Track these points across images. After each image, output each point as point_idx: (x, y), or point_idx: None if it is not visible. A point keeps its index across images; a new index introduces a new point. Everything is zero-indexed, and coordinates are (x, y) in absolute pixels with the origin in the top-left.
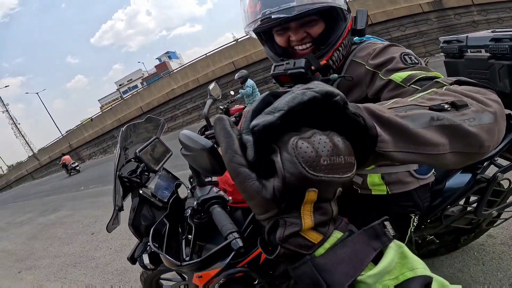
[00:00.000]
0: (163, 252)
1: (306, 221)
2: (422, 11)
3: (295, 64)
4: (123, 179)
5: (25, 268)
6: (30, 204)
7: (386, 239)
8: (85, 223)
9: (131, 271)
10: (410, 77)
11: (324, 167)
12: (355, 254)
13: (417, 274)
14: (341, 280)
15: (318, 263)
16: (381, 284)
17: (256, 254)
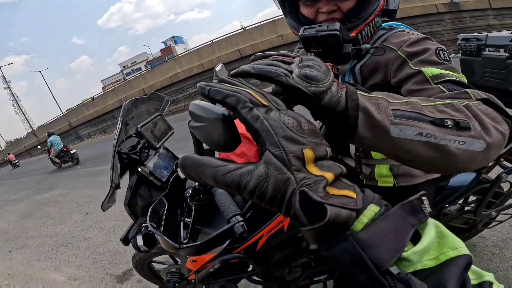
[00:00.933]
0: (161, 233)
1: (326, 175)
2: (437, 12)
3: (328, 27)
4: (122, 155)
5: (16, 247)
6: (26, 181)
7: (423, 216)
8: (80, 202)
9: (122, 253)
10: (440, 75)
11: (306, 131)
12: (397, 229)
13: (461, 253)
14: (387, 256)
15: (361, 238)
16: (421, 264)
17: (254, 241)
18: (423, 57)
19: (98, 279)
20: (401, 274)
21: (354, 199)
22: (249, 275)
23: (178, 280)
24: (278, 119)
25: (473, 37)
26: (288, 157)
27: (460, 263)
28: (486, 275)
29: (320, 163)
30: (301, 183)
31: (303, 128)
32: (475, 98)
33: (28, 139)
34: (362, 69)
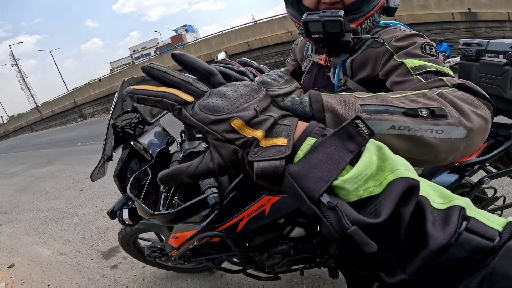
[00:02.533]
0: (139, 200)
1: (256, 134)
2: (452, 20)
3: (332, 13)
4: (117, 129)
5: (6, 221)
6: (25, 155)
7: (361, 139)
8: (76, 178)
9: (112, 230)
10: (421, 67)
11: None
12: (328, 158)
13: (397, 176)
14: (316, 186)
15: (293, 171)
16: (366, 191)
17: (235, 222)
18: (407, 50)
19: (84, 254)
20: (330, 202)
21: (284, 146)
22: (228, 255)
23: (159, 255)
24: (200, 111)
25: (474, 43)
26: (222, 135)
27: (396, 187)
28: (456, 199)
29: (253, 122)
30: (243, 146)
31: (224, 104)
32: (450, 84)
33: (31, 114)
34: (353, 63)
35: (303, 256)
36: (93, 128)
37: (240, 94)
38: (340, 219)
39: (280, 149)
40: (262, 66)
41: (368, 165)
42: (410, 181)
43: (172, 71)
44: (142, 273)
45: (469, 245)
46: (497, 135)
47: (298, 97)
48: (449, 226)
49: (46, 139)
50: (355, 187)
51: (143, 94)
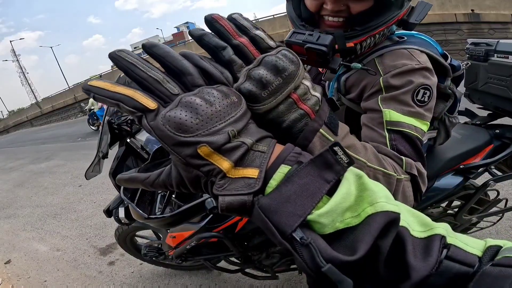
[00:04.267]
0: (133, 203)
1: (222, 164)
2: (455, 21)
3: (318, 39)
4: (113, 126)
5: (4, 216)
6: (24, 150)
7: (339, 168)
8: (75, 174)
9: (109, 227)
10: (396, 123)
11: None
12: (303, 190)
13: (377, 210)
14: (289, 221)
15: (264, 205)
16: (343, 223)
17: (233, 223)
18: (396, 92)
19: (81, 250)
20: (303, 238)
21: (255, 178)
22: (226, 255)
23: (156, 254)
24: (163, 126)
25: (483, 42)
26: (187, 160)
27: (376, 222)
28: (437, 227)
29: (224, 148)
30: (208, 175)
31: (193, 122)
32: (405, 169)
33: (31, 109)
34: (347, 80)
35: None
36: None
37: (215, 110)
38: (314, 256)
39: (249, 182)
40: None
41: (346, 196)
42: (391, 214)
43: (141, 64)
44: (140, 270)
45: (450, 272)
46: (503, 138)
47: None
48: (430, 256)
49: (46, 134)
50: (331, 220)
51: (99, 94)
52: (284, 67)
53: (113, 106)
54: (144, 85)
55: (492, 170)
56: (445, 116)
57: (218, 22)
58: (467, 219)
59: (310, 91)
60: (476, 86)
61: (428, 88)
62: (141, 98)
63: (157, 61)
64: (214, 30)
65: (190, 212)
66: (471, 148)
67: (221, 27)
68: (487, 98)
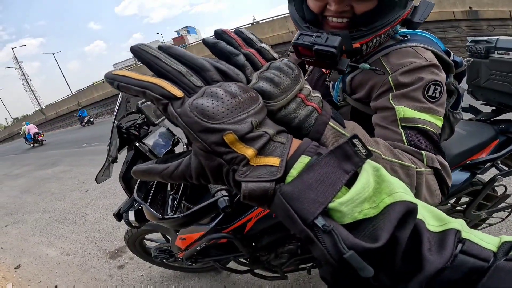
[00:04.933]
0: (147, 204)
1: (246, 151)
2: (453, 19)
3: (327, 40)
4: (121, 130)
5: (12, 222)
6: (30, 156)
7: (358, 160)
8: (81, 179)
9: (118, 231)
10: (410, 120)
11: (224, 111)
12: (324, 179)
13: (396, 200)
14: (311, 208)
15: (285, 191)
16: (361, 214)
17: (242, 223)
18: (407, 89)
19: (90, 254)
20: (325, 226)
21: (276, 166)
22: (236, 256)
23: (166, 256)
24: (190, 112)
25: (483, 40)
26: (211, 147)
27: (394, 211)
28: (452, 222)
29: (247, 137)
30: (231, 163)
31: (221, 109)
32: (426, 163)
33: (36, 116)
34: (352, 80)
35: (310, 255)
36: (97, 129)
37: (238, 101)
38: (336, 243)
39: (271, 170)
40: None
41: (366, 187)
42: (409, 204)
43: (165, 57)
44: (149, 273)
45: (465, 267)
46: (508, 133)
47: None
48: (445, 250)
49: (51, 140)
50: (351, 209)
51: (124, 82)
52: (289, 71)
53: (137, 95)
54: (168, 77)
55: (499, 165)
56: (449, 112)
57: (227, 35)
58: (476, 215)
59: (311, 93)
60: (479, 83)
61: (439, 84)
62: (168, 86)
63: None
64: (225, 41)
65: (202, 212)
66: (477, 144)
67: (231, 39)
68: (490, 94)
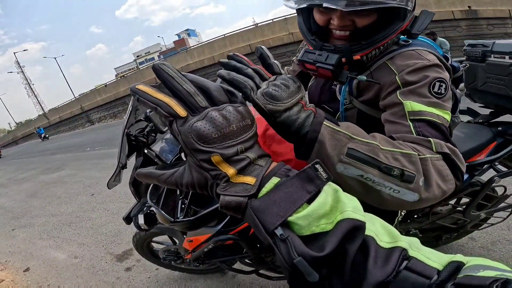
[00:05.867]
0: (159, 208)
1: (228, 170)
2: (453, 18)
3: (326, 59)
4: (130, 137)
5: (19, 225)
6: (35, 161)
7: (319, 182)
8: (86, 183)
9: (124, 234)
10: (418, 113)
11: (215, 138)
12: (287, 196)
13: (344, 217)
14: (273, 220)
15: (254, 205)
16: (319, 228)
17: (247, 225)
18: (414, 86)
19: (98, 257)
20: (282, 235)
21: (251, 185)
22: (241, 257)
23: (174, 258)
24: (188, 133)
25: (479, 43)
26: (200, 163)
27: (342, 227)
28: (401, 241)
29: (232, 160)
30: (215, 178)
31: (213, 137)
32: (436, 150)
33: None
34: (359, 83)
35: None
36: (100, 133)
37: (232, 130)
38: (289, 250)
39: (246, 188)
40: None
41: (322, 205)
42: (356, 222)
43: (179, 77)
44: (156, 275)
45: (407, 282)
46: (505, 134)
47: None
48: (388, 265)
49: (55, 144)
50: (307, 223)
51: (142, 97)
52: (293, 83)
53: (150, 109)
54: (178, 95)
55: (497, 166)
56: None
57: (238, 56)
58: (475, 215)
59: (308, 102)
60: (476, 86)
61: (443, 81)
62: (175, 106)
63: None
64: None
65: (211, 215)
66: (475, 146)
67: (241, 59)
68: (487, 97)
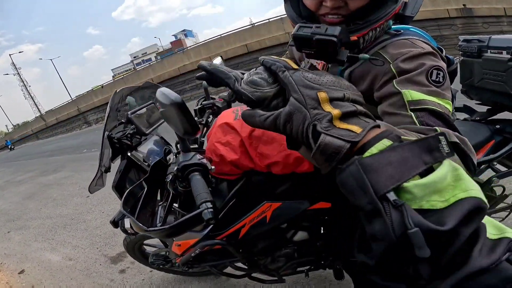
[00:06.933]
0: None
1: (332, 111)
2: (448, 16)
3: (326, 30)
4: (113, 140)
5: (15, 228)
6: (32, 163)
7: (439, 155)
8: (82, 185)
9: (119, 236)
10: (419, 102)
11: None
12: (403, 161)
13: (470, 195)
14: (386, 182)
15: (365, 162)
16: (428, 203)
17: (236, 229)
18: (411, 74)
19: (92, 259)
20: (396, 200)
21: (356, 133)
22: (231, 261)
23: (162, 262)
24: (300, 75)
25: (475, 39)
26: (305, 99)
27: (465, 204)
28: (509, 232)
29: (335, 103)
30: (314, 118)
31: (321, 80)
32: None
33: (36, 122)
34: (352, 74)
35: (307, 259)
36: (98, 134)
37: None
38: (404, 218)
39: (351, 134)
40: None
41: (443, 179)
42: (481, 202)
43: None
44: (150, 277)
45: (504, 274)
46: (504, 133)
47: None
48: (494, 254)
49: (52, 146)
50: (422, 194)
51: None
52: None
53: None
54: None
55: (495, 166)
56: None
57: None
58: None
59: None
60: (473, 82)
61: (440, 69)
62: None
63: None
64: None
65: (188, 223)
66: (472, 144)
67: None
68: (484, 94)
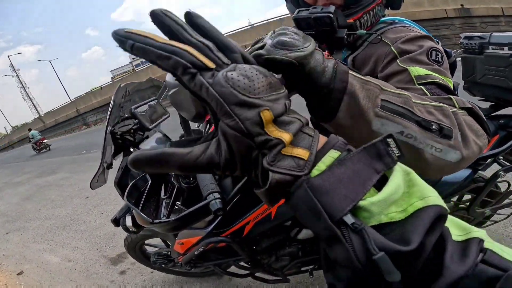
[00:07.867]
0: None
1: (283, 136)
2: (446, 16)
3: (322, 9)
4: (116, 136)
5: (13, 229)
6: (30, 164)
7: (390, 161)
8: (81, 186)
9: (118, 236)
10: (425, 76)
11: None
12: (355, 174)
13: (428, 204)
14: (341, 204)
15: (313, 184)
16: (387, 217)
17: (240, 226)
18: (412, 54)
19: (92, 260)
20: (355, 224)
21: (304, 160)
22: (235, 260)
23: (164, 261)
24: (225, 83)
25: (476, 36)
26: (245, 125)
27: (427, 215)
28: (475, 231)
29: (280, 120)
30: (261, 147)
31: (256, 85)
32: (458, 106)
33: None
34: (355, 60)
35: (312, 258)
36: (96, 135)
37: (269, 82)
38: (366, 243)
39: (299, 163)
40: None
41: (397, 189)
42: (441, 209)
43: (190, 29)
44: (151, 278)
45: (484, 276)
46: (508, 127)
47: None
48: (467, 258)
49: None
50: (380, 210)
51: (142, 42)
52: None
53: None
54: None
55: (501, 160)
56: None
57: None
58: (480, 213)
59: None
60: (475, 79)
61: (438, 50)
62: (199, 55)
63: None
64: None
65: (195, 215)
66: None
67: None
68: (487, 90)
